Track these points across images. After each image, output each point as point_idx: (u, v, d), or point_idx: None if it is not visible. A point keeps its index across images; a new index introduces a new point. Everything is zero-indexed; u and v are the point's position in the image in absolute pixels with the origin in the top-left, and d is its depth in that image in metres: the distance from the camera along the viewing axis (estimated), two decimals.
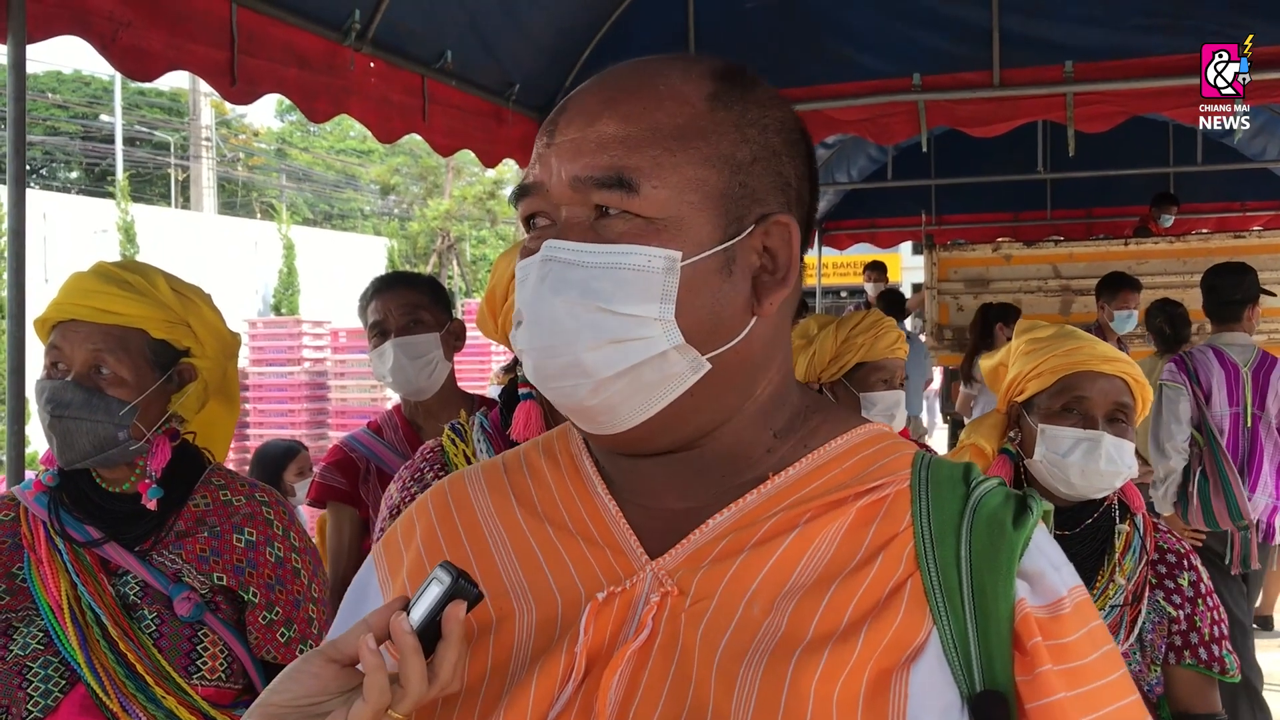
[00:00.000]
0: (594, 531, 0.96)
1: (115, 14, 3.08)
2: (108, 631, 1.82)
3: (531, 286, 0.89)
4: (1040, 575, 0.89)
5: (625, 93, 0.92)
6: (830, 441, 0.98)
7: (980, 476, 0.95)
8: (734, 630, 0.87)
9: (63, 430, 1.84)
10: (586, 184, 0.89)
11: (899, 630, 0.85)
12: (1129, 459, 2.09)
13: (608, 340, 0.87)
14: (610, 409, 0.89)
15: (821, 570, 0.89)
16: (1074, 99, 4.71)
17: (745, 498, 0.94)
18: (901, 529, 0.90)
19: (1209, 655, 2.07)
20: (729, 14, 5.26)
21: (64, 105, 32.24)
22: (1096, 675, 0.86)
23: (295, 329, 11.04)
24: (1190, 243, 8.45)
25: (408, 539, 1.05)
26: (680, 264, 0.88)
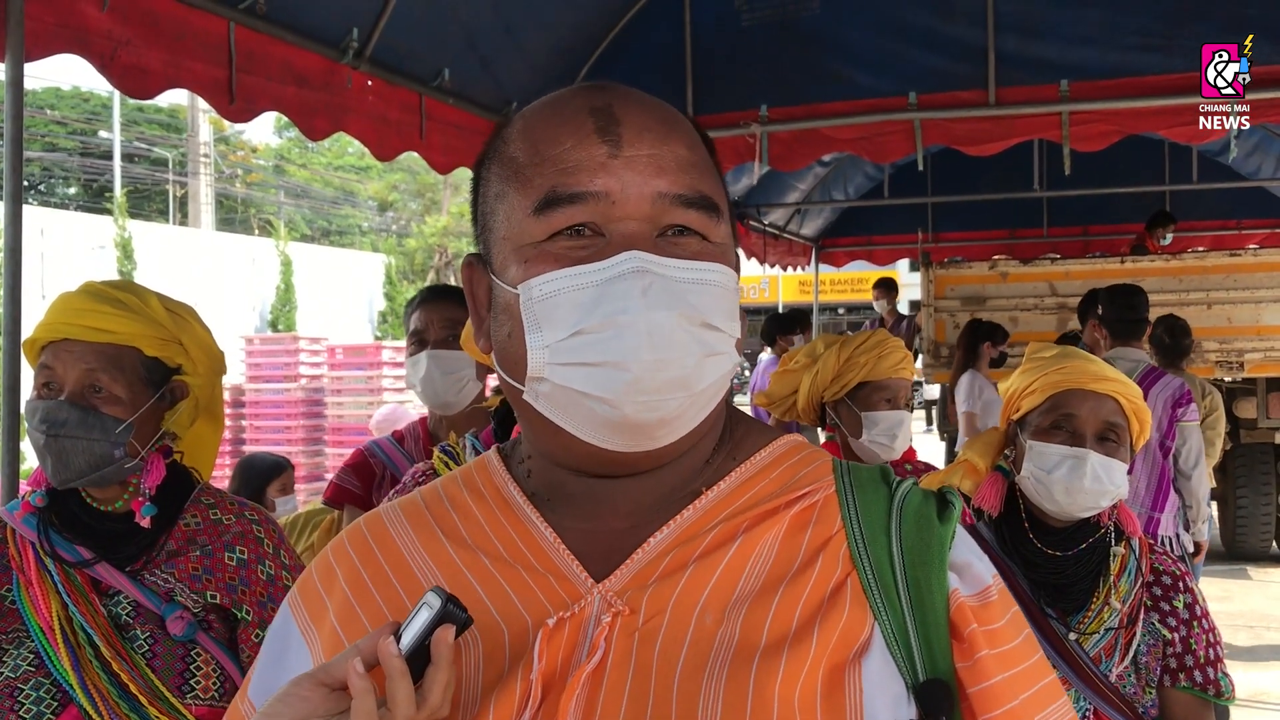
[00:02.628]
0: (532, 559, 0.96)
1: (114, 33, 3.09)
2: (100, 652, 1.81)
3: (632, 296, 0.86)
4: (968, 565, 0.94)
5: (671, 116, 0.95)
6: (756, 454, 1.01)
7: (897, 477, 1.00)
8: (690, 643, 0.88)
9: (58, 449, 1.83)
10: (673, 202, 0.90)
11: (846, 627, 0.89)
12: (1118, 479, 2.08)
13: (707, 353, 0.89)
14: (678, 420, 0.90)
15: (765, 577, 0.92)
16: (1069, 118, 4.73)
17: (682, 513, 0.95)
18: (835, 531, 0.94)
19: (1204, 678, 2.06)
20: (726, 33, 5.29)
21: (62, 121, 32.29)
22: (1024, 657, 0.92)
23: (292, 346, 11.05)
24: (1186, 261, 8.47)
25: (329, 585, 1.03)
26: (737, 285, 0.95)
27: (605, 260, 0.87)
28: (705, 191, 0.92)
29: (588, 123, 0.91)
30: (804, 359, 3.27)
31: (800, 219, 10.38)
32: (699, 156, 0.94)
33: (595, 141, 0.90)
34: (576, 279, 0.88)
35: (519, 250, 0.92)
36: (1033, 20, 4.80)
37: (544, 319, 0.89)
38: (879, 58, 5.07)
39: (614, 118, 0.91)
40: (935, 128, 4.98)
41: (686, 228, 0.91)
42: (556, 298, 0.88)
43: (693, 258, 0.90)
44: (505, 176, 0.95)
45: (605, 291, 0.87)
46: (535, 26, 5.01)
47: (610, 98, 0.94)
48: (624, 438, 0.90)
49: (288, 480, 5.12)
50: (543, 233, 0.90)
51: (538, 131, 0.94)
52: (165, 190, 33.01)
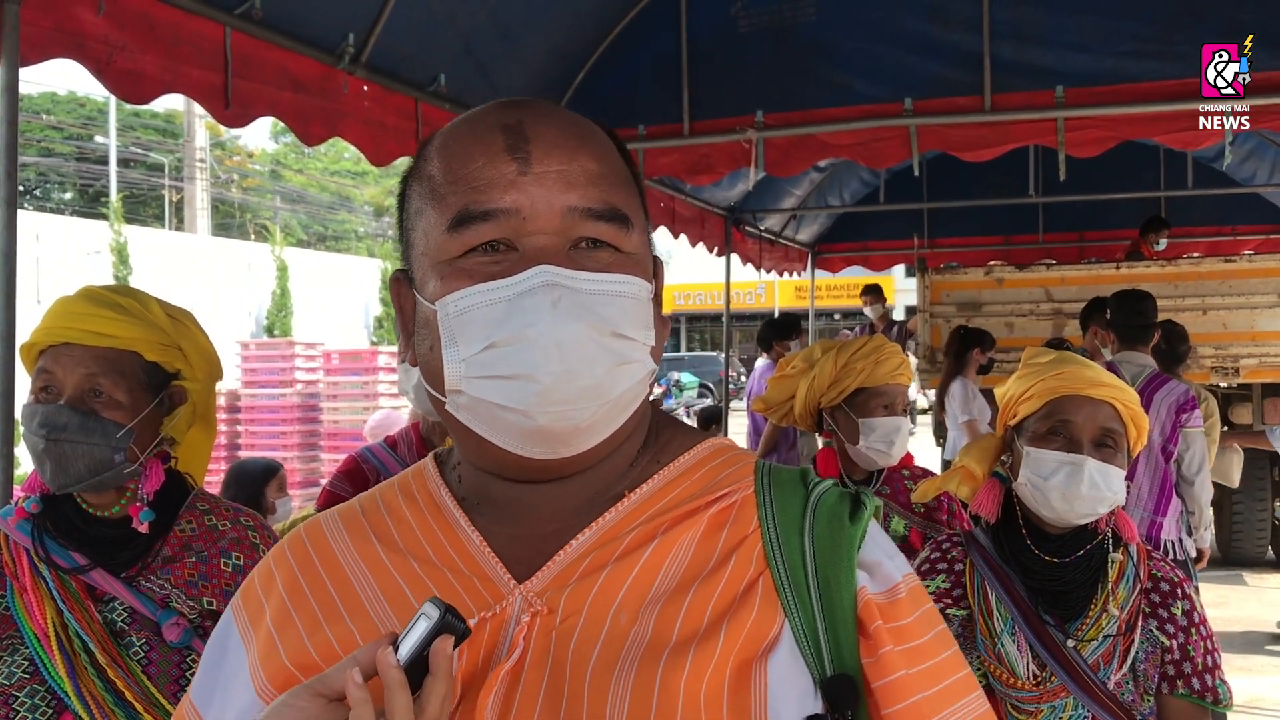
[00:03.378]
0: (459, 562, 0.99)
1: (110, 37, 3.09)
2: (95, 659, 1.80)
3: (541, 309, 0.89)
4: (877, 564, 0.96)
5: (584, 130, 0.98)
6: (680, 457, 1.04)
7: (816, 479, 1.02)
8: (603, 641, 0.91)
9: (58, 454, 1.82)
10: (583, 215, 0.93)
11: (754, 625, 0.91)
12: (1115, 485, 2.07)
13: (618, 363, 0.92)
14: (593, 427, 0.93)
15: (680, 577, 0.94)
16: (1065, 124, 4.74)
17: (604, 516, 0.98)
18: (750, 531, 0.97)
19: (1202, 685, 2.05)
20: (723, 39, 5.30)
21: (58, 126, 32.28)
22: (933, 653, 0.94)
23: (288, 351, 11.01)
24: (1182, 267, 8.48)
25: (268, 590, 1.05)
26: (651, 295, 0.98)
27: (516, 275, 0.90)
28: (615, 204, 0.95)
29: (498, 140, 0.94)
30: (800, 364, 3.26)
31: (796, 224, 10.39)
32: (610, 170, 0.97)
33: (505, 159, 0.93)
34: (489, 294, 0.91)
35: (436, 266, 0.95)
36: (1028, 27, 4.82)
37: (459, 333, 0.92)
38: (875, 64, 5.08)
39: (524, 135, 0.94)
40: (931, 134, 4.99)
41: (598, 240, 0.94)
42: (471, 313, 0.91)
43: (604, 270, 0.93)
44: (423, 194, 0.98)
45: (516, 306, 0.90)
46: (531, 32, 5.02)
47: (522, 114, 0.96)
48: (542, 446, 0.93)
49: (282, 481, 5.13)
50: (457, 249, 0.93)
51: (452, 150, 0.97)
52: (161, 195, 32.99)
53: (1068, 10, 4.77)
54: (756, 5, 5.24)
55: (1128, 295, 5.27)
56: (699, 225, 8.01)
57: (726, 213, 8.56)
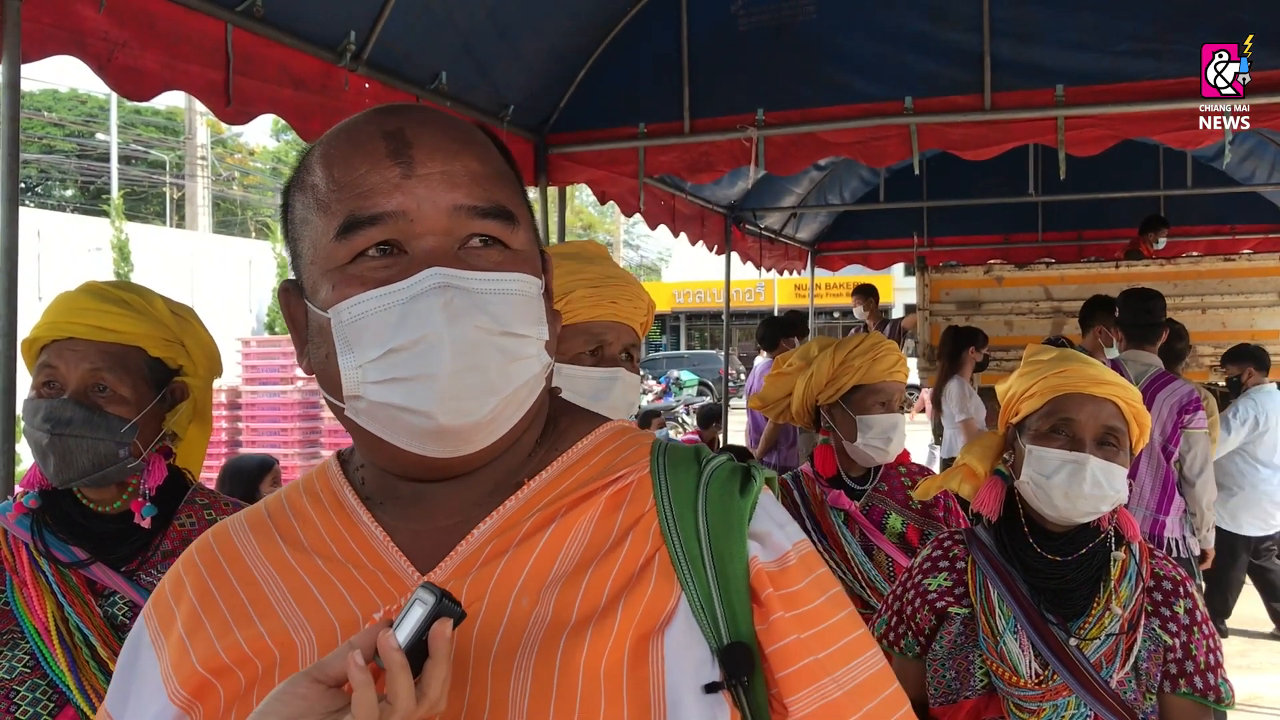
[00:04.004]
0: (363, 558, 1.00)
1: (111, 34, 3.09)
2: (97, 653, 1.80)
3: (434, 312, 0.90)
4: (767, 534, 1.00)
5: (464, 133, 1.00)
6: (578, 443, 1.06)
7: (710, 455, 1.05)
8: (505, 626, 0.93)
9: (63, 448, 1.82)
10: (469, 214, 0.95)
11: (651, 600, 0.94)
12: (1118, 484, 2.06)
13: (511, 359, 0.94)
14: (492, 423, 0.95)
15: (579, 558, 0.97)
16: (1064, 123, 4.74)
17: (505, 505, 1.00)
18: (646, 510, 1.00)
19: (1204, 684, 2.05)
20: (723, 37, 5.30)
21: (60, 123, 32.26)
22: (824, 617, 0.97)
23: (289, 348, 10.99)
24: (1181, 266, 8.48)
25: (178, 596, 1.06)
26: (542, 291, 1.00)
27: (408, 279, 0.91)
28: (500, 201, 0.97)
29: (380, 146, 0.95)
30: (797, 362, 3.26)
31: (796, 223, 10.39)
32: (493, 169, 0.99)
33: (389, 164, 0.94)
34: (383, 299, 0.92)
35: (327, 274, 0.95)
36: (1027, 26, 4.82)
37: (355, 340, 0.93)
38: (875, 63, 5.08)
39: (405, 140, 0.95)
40: (931, 132, 4.99)
41: (487, 237, 0.96)
42: (365, 319, 0.92)
43: (494, 268, 0.95)
44: (307, 204, 0.99)
45: (410, 309, 0.91)
46: (532, 30, 5.02)
47: (402, 121, 0.97)
48: (442, 444, 0.94)
49: (277, 476, 5.14)
50: (346, 255, 0.94)
51: (334, 158, 0.97)
52: (162, 192, 32.99)
53: (1068, 9, 4.77)
54: (756, 4, 5.24)
55: (1135, 294, 5.28)
56: (699, 223, 8.01)
57: (726, 211, 8.56)
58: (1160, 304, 5.15)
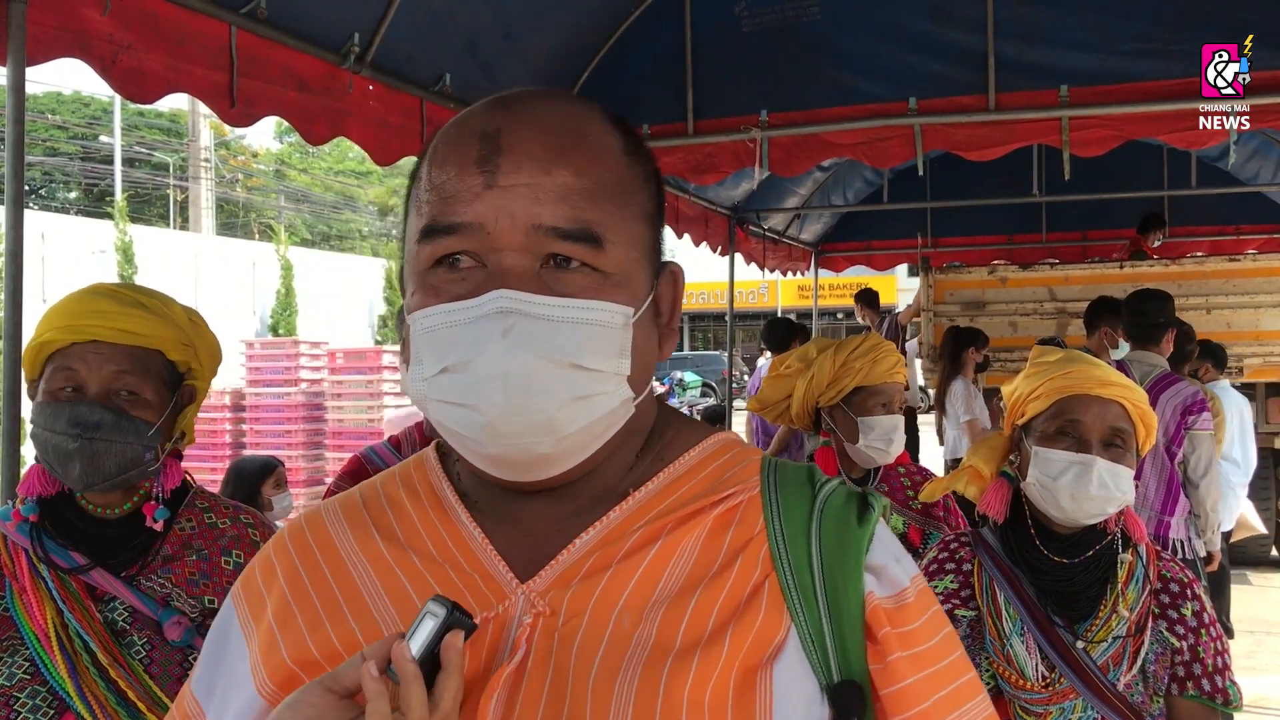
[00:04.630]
0: (460, 559, 0.97)
1: (115, 37, 3.09)
2: (97, 659, 1.79)
3: (492, 338, 0.86)
4: (884, 568, 0.95)
5: (569, 140, 0.92)
6: (684, 454, 1.01)
7: (824, 478, 1.01)
8: (606, 644, 0.89)
9: (90, 452, 1.80)
10: (549, 234, 0.89)
11: (760, 630, 0.89)
12: (1124, 485, 2.06)
13: (577, 396, 0.88)
14: (554, 459, 0.90)
15: (685, 579, 0.92)
16: (1069, 123, 4.73)
17: (608, 515, 0.96)
18: (756, 533, 0.95)
19: (1212, 686, 2.04)
20: (726, 38, 5.30)
21: (63, 126, 32.31)
22: (940, 657, 0.93)
23: (293, 350, 11.02)
24: (1185, 266, 8.47)
25: (269, 582, 1.03)
26: (631, 320, 0.93)
27: (475, 299, 0.88)
28: (587, 222, 0.90)
29: (472, 149, 0.91)
30: (796, 364, 3.26)
31: (800, 224, 10.38)
32: (592, 182, 0.91)
33: (474, 171, 0.90)
34: (449, 316, 0.89)
35: (413, 277, 0.94)
36: (1032, 26, 4.81)
37: (423, 352, 0.91)
38: (879, 63, 5.07)
39: (497, 145, 0.90)
40: (935, 133, 4.99)
41: (571, 259, 0.90)
42: (433, 333, 0.90)
43: (576, 293, 0.89)
44: (411, 198, 0.97)
45: (468, 332, 0.87)
46: (536, 31, 5.02)
47: (503, 120, 0.92)
48: (504, 471, 0.92)
49: (280, 476, 5.15)
50: (426, 261, 0.92)
51: (436, 153, 0.95)
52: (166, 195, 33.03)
53: (1072, 9, 4.76)
54: (760, 4, 5.24)
55: (1137, 295, 5.28)
56: (703, 225, 8.01)
57: (730, 212, 8.55)
58: (1158, 304, 5.14)
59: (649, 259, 0.97)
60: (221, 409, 10.53)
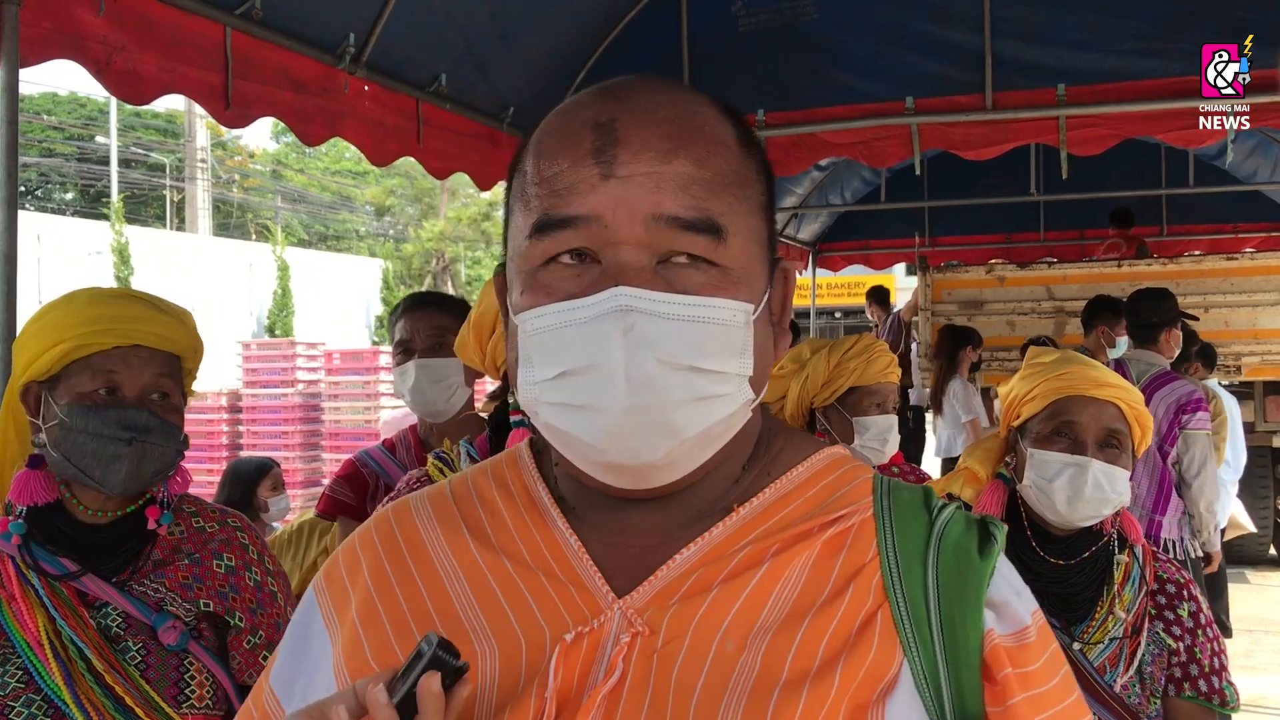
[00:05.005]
0: (555, 567, 0.93)
1: (109, 38, 3.08)
2: (92, 665, 1.78)
3: (611, 339, 0.82)
4: (1006, 604, 0.90)
5: (687, 130, 0.88)
6: (792, 469, 0.96)
7: (940, 502, 0.95)
8: (709, 671, 0.84)
9: (139, 455, 1.82)
10: (671, 225, 0.84)
11: (872, 665, 0.85)
12: (1120, 487, 2.06)
13: (698, 398, 0.84)
14: (670, 464, 0.86)
15: (792, 605, 0.88)
16: (1066, 122, 4.73)
17: (712, 531, 0.91)
18: (868, 559, 0.90)
19: (1209, 687, 2.04)
20: (724, 37, 5.29)
21: (59, 127, 32.28)
22: (1059, 699, 0.88)
23: (289, 351, 11.00)
24: (1183, 264, 8.48)
25: (353, 575, 1.00)
26: (752, 318, 0.88)
27: (591, 297, 0.83)
28: (709, 212, 0.85)
29: (586, 140, 0.87)
30: (790, 365, 3.27)
31: (797, 223, 10.38)
32: (712, 173, 0.87)
33: (589, 162, 0.86)
34: (562, 316, 0.84)
35: (521, 275, 0.89)
36: (1029, 25, 4.80)
37: (534, 354, 0.86)
38: (876, 63, 5.07)
39: (613, 135, 0.86)
40: (932, 132, 4.98)
41: (691, 254, 0.86)
42: (544, 334, 0.85)
43: (696, 291, 0.85)
44: (515, 193, 0.92)
45: (586, 331, 0.83)
46: (532, 32, 5.01)
47: (616, 110, 0.88)
48: (617, 478, 0.87)
49: (276, 478, 5.13)
50: (538, 258, 0.87)
51: (544, 146, 0.90)
52: (162, 195, 33.01)
53: (1069, 8, 4.76)
54: (757, 4, 5.23)
55: (1135, 294, 5.31)
56: None
57: None
58: (1153, 304, 5.15)
59: (765, 254, 0.92)
60: (218, 410, 10.52)
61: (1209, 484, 4.82)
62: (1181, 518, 4.83)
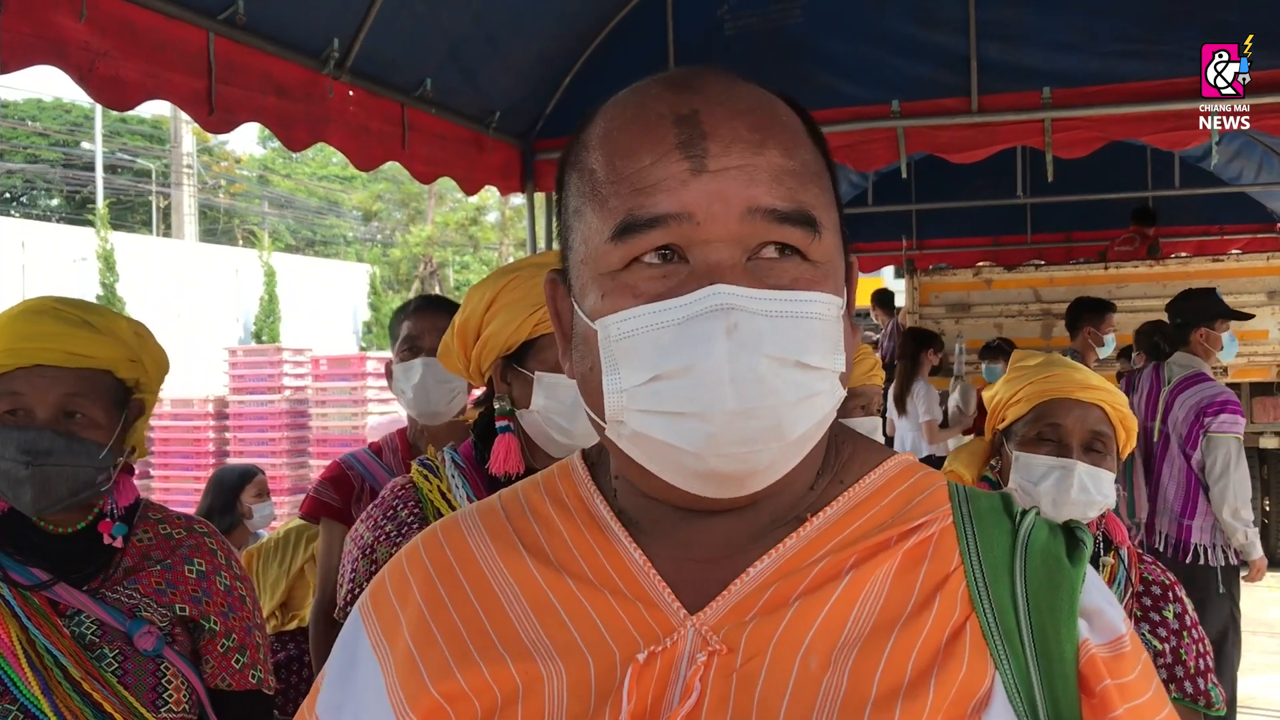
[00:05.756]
0: (620, 584, 0.88)
1: (92, 44, 3.06)
2: (69, 673, 1.77)
3: (714, 338, 0.77)
4: (1099, 612, 0.86)
5: (771, 120, 0.85)
6: (865, 477, 0.93)
7: (1020, 508, 0.92)
8: (793, 690, 0.80)
9: (42, 478, 1.78)
10: (767, 217, 0.80)
11: (965, 679, 0.81)
12: (1105, 489, 2.06)
13: (804, 397, 0.80)
14: (770, 469, 0.82)
15: (876, 619, 0.84)
16: (1052, 125, 4.74)
17: (785, 542, 0.87)
18: (953, 569, 0.86)
19: (1194, 688, 2.04)
20: (709, 41, 5.29)
21: (44, 133, 32.16)
22: (1156, 710, 0.84)
23: (276, 357, 10.97)
24: (1170, 266, 8.51)
25: (403, 597, 0.95)
26: (843, 312, 0.86)
27: (686, 295, 0.79)
28: (804, 204, 0.82)
29: (670, 135, 0.82)
30: None
31: None
32: (799, 164, 0.84)
33: (677, 157, 0.81)
34: (655, 317, 0.80)
35: (598, 279, 0.84)
36: (1014, 28, 4.82)
37: (622, 360, 0.81)
38: (862, 66, 5.08)
39: (700, 129, 0.82)
40: (918, 135, 4.99)
41: (785, 246, 0.82)
42: (634, 337, 0.80)
43: (790, 285, 0.81)
44: (583, 192, 0.87)
45: (685, 332, 0.78)
46: (517, 36, 5.00)
47: (698, 102, 0.83)
48: (712, 487, 0.82)
49: (260, 485, 5.08)
50: (620, 260, 0.82)
51: (616, 141, 0.85)
52: (148, 201, 32.90)
53: (1054, 11, 4.78)
54: (743, 7, 5.24)
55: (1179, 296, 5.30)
56: None
57: None
58: (1180, 304, 5.17)
59: (843, 249, 0.89)
60: (205, 417, 10.48)
61: (1231, 488, 4.71)
62: (1213, 522, 4.77)
